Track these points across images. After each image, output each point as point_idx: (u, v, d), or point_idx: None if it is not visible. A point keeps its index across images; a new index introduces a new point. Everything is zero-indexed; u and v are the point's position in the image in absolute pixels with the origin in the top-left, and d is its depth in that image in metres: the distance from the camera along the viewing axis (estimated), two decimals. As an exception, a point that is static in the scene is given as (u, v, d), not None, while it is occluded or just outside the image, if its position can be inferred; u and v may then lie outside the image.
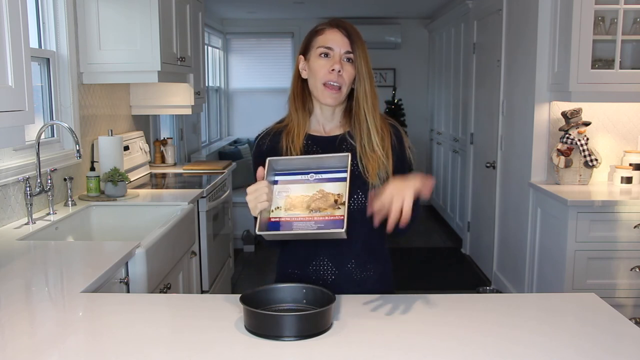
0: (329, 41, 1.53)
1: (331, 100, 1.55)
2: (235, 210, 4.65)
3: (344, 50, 1.52)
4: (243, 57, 7.78)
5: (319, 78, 1.53)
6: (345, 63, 1.53)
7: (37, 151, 2.44)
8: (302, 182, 1.44)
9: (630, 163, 3.36)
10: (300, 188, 1.43)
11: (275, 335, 1.24)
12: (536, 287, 3.52)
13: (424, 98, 7.53)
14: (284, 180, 1.45)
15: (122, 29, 3.01)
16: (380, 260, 1.66)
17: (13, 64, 1.60)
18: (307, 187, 1.43)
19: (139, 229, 2.54)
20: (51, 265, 1.92)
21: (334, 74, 1.52)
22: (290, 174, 1.46)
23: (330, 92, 1.53)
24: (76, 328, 1.39)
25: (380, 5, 6.58)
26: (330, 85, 1.53)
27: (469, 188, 5.25)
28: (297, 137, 1.56)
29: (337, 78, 1.52)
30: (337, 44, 1.52)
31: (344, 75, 1.52)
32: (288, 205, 1.41)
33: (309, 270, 1.60)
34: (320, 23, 1.59)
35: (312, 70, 1.55)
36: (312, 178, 1.44)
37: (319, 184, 1.43)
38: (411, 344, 1.25)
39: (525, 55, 3.70)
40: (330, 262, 1.60)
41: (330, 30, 1.55)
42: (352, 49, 1.52)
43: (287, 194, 1.42)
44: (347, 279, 1.60)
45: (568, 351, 1.22)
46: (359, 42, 1.53)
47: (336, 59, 1.52)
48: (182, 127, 5.20)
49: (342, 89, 1.54)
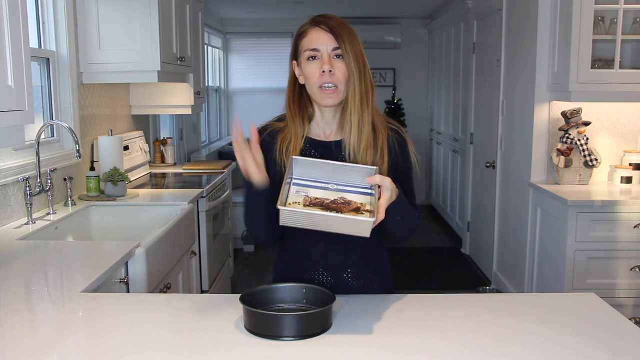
0: (314, 42, 1.46)
1: (330, 100, 1.49)
2: (235, 210, 4.65)
3: (330, 48, 1.45)
4: (243, 57, 7.78)
5: (312, 83, 1.48)
6: (336, 60, 1.46)
7: (37, 151, 2.44)
8: (323, 188, 1.39)
9: (630, 163, 3.36)
10: (320, 192, 1.38)
11: (275, 335, 1.24)
12: (536, 287, 3.52)
13: (424, 98, 7.52)
14: (303, 183, 1.39)
15: (122, 29, 3.01)
16: (378, 269, 1.64)
17: (13, 64, 1.60)
18: (328, 192, 1.38)
19: (139, 229, 2.54)
20: (51, 265, 1.92)
21: (325, 75, 1.45)
22: (310, 180, 1.39)
23: (327, 93, 1.47)
24: (76, 328, 1.39)
25: (380, 5, 6.58)
26: (325, 88, 1.47)
27: (469, 188, 5.25)
28: (294, 147, 1.51)
29: (331, 78, 1.46)
30: (322, 43, 1.45)
31: (337, 73, 1.46)
32: (307, 203, 1.34)
33: (304, 279, 1.56)
34: (303, 24, 1.52)
35: (305, 75, 1.50)
36: (334, 188, 1.39)
37: (340, 193, 1.38)
38: (411, 344, 1.25)
39: (525, 55, 3.70)
40: (326, 272, 1.58)
41: (312, 31, 1.48)
42: (338, 44, 1.45)
43: (305, 195, 1.37)
44: (344, 288, 1.57)
45: (568, 351, 1.22)
46: (345, 35, 1.45)
47: (325, 59, 1.45)
48: (182, 127, 5.20)
49: (340, 87, 1.47)
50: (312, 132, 1.57)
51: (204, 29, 4.40)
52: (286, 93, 1.57)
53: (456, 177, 5.86)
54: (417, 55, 7.54)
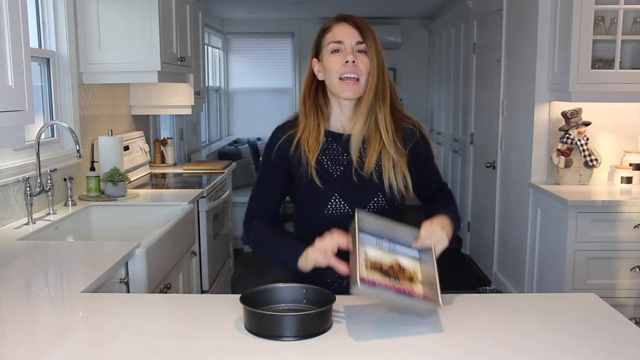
0: (338, 35, 1.50)
1: (350, 92, 1.51)
2: (235, 210, 4.65)
3: (354, 41, 1.49)
4: (243, 57, 7.78)
5: (334, 73, 1.51)
6: (359, 54, 1.50)
7: (37, 151, 2.44)
8: (378, 246, 1.40)
9: (630, 163, 3.36)
10: (376, 253, 1.38)
11: (275, 335, 1.24)
12: (536, 287, 3.52)
13: (424, 98, 7.52)
14: (361, 236, 1.39)
15: (122, 29, 3.01)
16: None
17: (13, 64, 1.60)
18: (383, 253, 1.39)
19: (139, 229, 2.54)
20: (51, 265, 1.92)
21: (348, 65, 1.49)
22: (366, 233, 1.41)
23: (348, 84, 1.50)
24: (76, 328, 1.39)
25: (380, 5, 6.58)
26: (347, 78, 1.50)
27: (469, 188, 5.25)
28: (314, 141, 1.54)
29: (353, 69, 1.49)
30: (347, 36, 1.49)
31: (360, 65, 1.49)
32: (367, 264, 1.33)
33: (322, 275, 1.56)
34: (328, 21, 1.57)
35: (326, 68, 1.53)
36: (387, 247, 1.41)
37: (393, 254, 1.40)
38: (411, 344, 1.25)
39: (525, 55, 3.70)
40: (336, 274, 1.58)
41: (338, 25, 1.52)
42: (363, 39, 1.49)
43: (364, 256, 1.35)
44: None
45: (568, 351, 1.22)
46: (369, 33, 1.50)
47: (348, 50, 1.49)
48: (182, 127, 5.20)
49: (360, 79, 1.50)
50: (331, 126, 1.60)
51: (204, 29, 4.40)
52: (302, 90, 1.60)
53: (456, 177, 5.86)
54: (417, 55, 7.54)
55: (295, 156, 1.56)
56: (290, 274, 1.65)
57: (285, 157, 1.57)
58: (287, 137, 1.58)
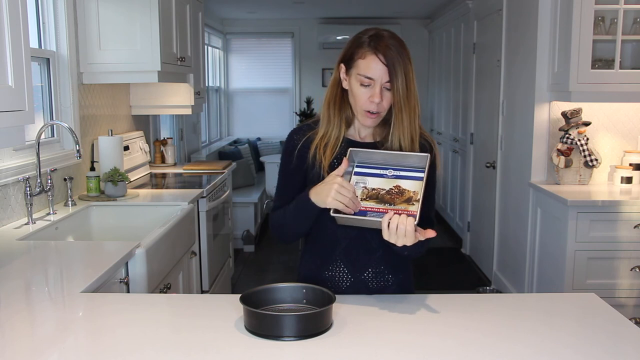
0: (370, 71, 1.51)
1: (370, 122, 1.58)
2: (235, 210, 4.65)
3: (384, 80, 1.52)
4: (243, 57, 7.78)
5: (359, 104, 1.55)
6: (385, 91, 1.53)
7: (37, 151, 2.44)
8: (380, 176, 1.50)
9: (630, 163, 3.36)
10: (377, 181, 1.49)
11: (275, 335, 1.24)
12: (536, 287, 3.52)
13: (424, 98, 7.52)
14: (363, 171, 1.51)
15: (122, 29, 3.01)
16: (399, 270, 1.66)
17: (13, 64, 1.60)
18: (384, 181, 1.49)
19: (139, 229, 2.54)
20: (51, 265, 1.92)
21: (373, 104, 1.53)
22: (369, 166, 1.51)
23: (370, 116, 1.56)
24: (76, 328, 1.39)
25: (380, 5, 6.58)
26: (369, 112, 1.55)
27: (469, 188, 5.25)
28: (331, 148, 1.58)
29: (377, 107, 1.54)
30: (377, 75, 1.51)
31: (384, 103, 1.54)
32: (364, 195, 1.46)
33: (325, 275, 1.63)
34: (362, 37, 1.55)
35: (352, 92, 1.56)
36: (390, 174, 1.49)
37: (396, 180, 1.48)
38: (411, 344, 1.25)
39: (525, 55, 3.70)
40: (347, 269, 1.62)
41: (371, 58, 1.51)
42: (390, 79, 1.51)
43: (364, 185, 1.48)
44: (362, 287, 1.62)
45: (568, 351, 1.22)
46: (399, 68, 1.50)
47: (376, 90, 1.52)
48: (182, 127, 5.20)
49: (381, 113, 1.56)
50: (348, 133, 1.65)
51: (204, 29, 4.40)
52: (326, 93, 1.63)
53: (456, 177, 5.86)
54: (417, 56, 7.51)
55: (311, 158, 1.60)
56: (296, 274, 1.69)
57: (303, 158, 1.62)
58: (305, 140, 1.62)
